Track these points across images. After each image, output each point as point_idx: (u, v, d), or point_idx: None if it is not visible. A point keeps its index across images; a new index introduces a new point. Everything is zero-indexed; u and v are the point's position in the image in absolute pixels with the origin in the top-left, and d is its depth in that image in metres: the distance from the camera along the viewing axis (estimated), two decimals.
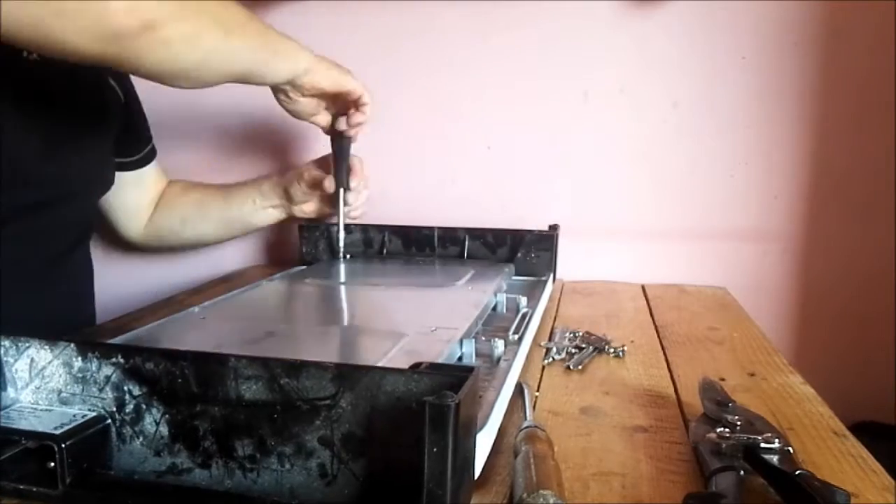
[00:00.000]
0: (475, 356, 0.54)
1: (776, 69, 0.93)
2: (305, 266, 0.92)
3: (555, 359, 0.62)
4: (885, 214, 0.93)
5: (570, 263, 0.96)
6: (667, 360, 0.63)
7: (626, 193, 0.99)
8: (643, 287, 0.94)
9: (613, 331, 0.71)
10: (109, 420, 0.39)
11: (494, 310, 0.71)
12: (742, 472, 0.39)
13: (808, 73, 0.92)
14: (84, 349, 0.39)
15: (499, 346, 0.56)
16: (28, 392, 0.41)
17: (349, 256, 0.92)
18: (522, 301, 0.71)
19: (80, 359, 0.40)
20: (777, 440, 0.41)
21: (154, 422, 0.38)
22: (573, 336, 0.68)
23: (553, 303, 0.83)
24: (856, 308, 0.96)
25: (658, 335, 0.71)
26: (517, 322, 0.65)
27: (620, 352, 0.64)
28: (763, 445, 0.41)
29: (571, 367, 0.60)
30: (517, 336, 0.60)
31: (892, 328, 0.93)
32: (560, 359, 0.62)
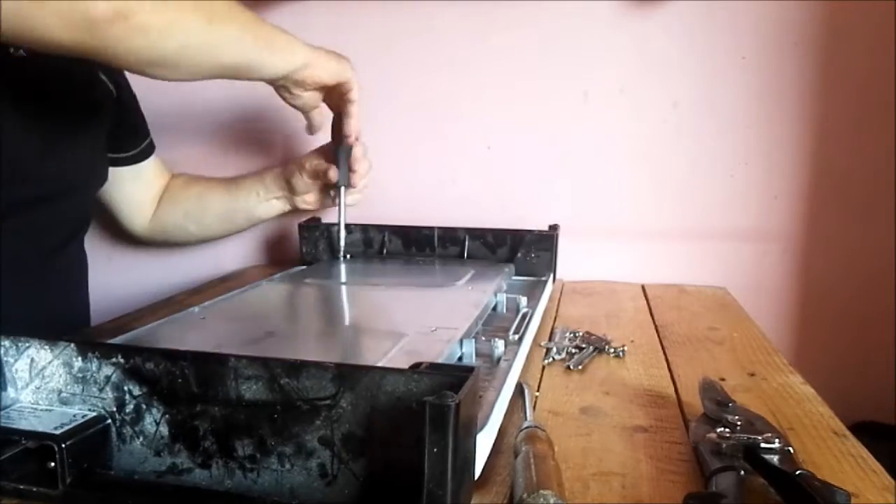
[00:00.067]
0: (475, 356, 0.54)
1: (776, 69, 0.93)
2: (305, 266, 0.91)
3: (555, 359, 0.62)
4: (885, 214, 0.93)
5: (570, 263, 0.95)
6: (667, 360, 0.63)
7: (626, 193, 0.99)
8: (643, 287, 0.94)
9: (613, 331, 0.71)
10: (109, 420, 0.39)
11: (494, 310, 0.71)
12: (742, 472, 0.38)
13: (808, 73, 0.92)
14: (84, 349, 0.40)
15: (499, 346, 0.56)
16: (28, 392, 0.41)
17: (349, 256, 0.92)
18: (522, 301, 0.71)
19: (81, 359, 0.40)
20: (777, 440, 0.41)
21: (154, 422, 0.38)
22: (573, 336, 0.68)
23: (553, 303, 0.83)
24: (856, 308, 0.96)
25: (658, 335, 0.71)
26: (517, 322, 0.65)
27: (620, 352, 0.64)
28: (763, 445, 0.41)
29: (571, 367, 0.60)
30: (517, 336, 0.60)
31: (892, 328, 0.93)
32: (560, 359, 0.62)
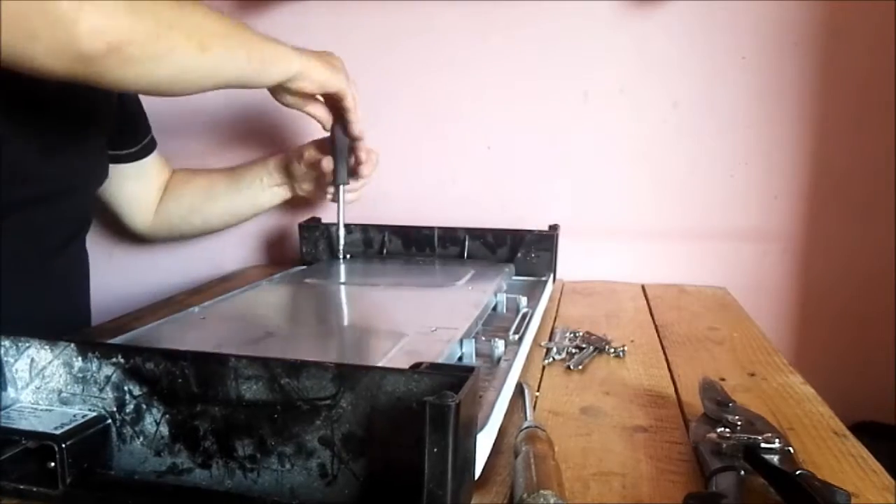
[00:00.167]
0: (475, 356, 0.54)
1: (776, 69, 0.93)
2: (305, 266, 0.91)
3: (555, 359, 0.62)
4: (885, 214, 0.93)
5: (570, 263, 0.95)
6: (667, 360, 0.63)
7: (626, 193, 0.99)
8: (643, 287, 0.94)
9: (613, 331, 0.71)
10: (110, 420, 0.39)
11: (494, 310, 0.71)
12: (742, 472, 0.38)
13: (808, 73, 0.92)
14: (84, 349, 0.40)
15: (499, 346, 0.56)
16: (28, 392, 0.41)
17: (349, 256, 0.92)
18: (522, 301, 0.71)
19: (81, 359, 0.40)
20: (777, 440, 0.41)
21: (154, 422, 0.38)
22: (573, 336, 0.68)
23: (553, 303, 0.83)
24: (856, 308, 0.96)
25: (658, 335, 0.71)
26: (517, 322, 0.65)
27: (621, 352, 0.64)
28: (763, 445, 0.41)
29: (572, 367, 0.60)
30: (517, 336, 0.60)
31: (892, 328, 0.93)
32: (560, 359, 0.62)
